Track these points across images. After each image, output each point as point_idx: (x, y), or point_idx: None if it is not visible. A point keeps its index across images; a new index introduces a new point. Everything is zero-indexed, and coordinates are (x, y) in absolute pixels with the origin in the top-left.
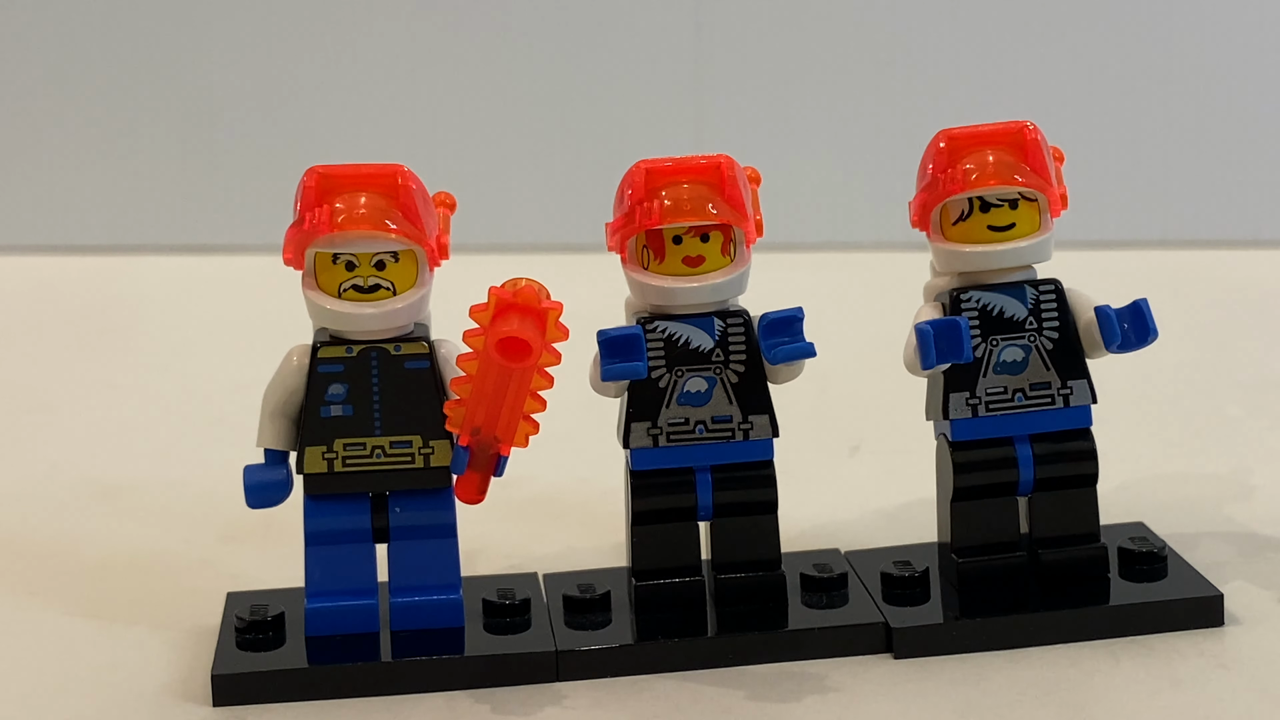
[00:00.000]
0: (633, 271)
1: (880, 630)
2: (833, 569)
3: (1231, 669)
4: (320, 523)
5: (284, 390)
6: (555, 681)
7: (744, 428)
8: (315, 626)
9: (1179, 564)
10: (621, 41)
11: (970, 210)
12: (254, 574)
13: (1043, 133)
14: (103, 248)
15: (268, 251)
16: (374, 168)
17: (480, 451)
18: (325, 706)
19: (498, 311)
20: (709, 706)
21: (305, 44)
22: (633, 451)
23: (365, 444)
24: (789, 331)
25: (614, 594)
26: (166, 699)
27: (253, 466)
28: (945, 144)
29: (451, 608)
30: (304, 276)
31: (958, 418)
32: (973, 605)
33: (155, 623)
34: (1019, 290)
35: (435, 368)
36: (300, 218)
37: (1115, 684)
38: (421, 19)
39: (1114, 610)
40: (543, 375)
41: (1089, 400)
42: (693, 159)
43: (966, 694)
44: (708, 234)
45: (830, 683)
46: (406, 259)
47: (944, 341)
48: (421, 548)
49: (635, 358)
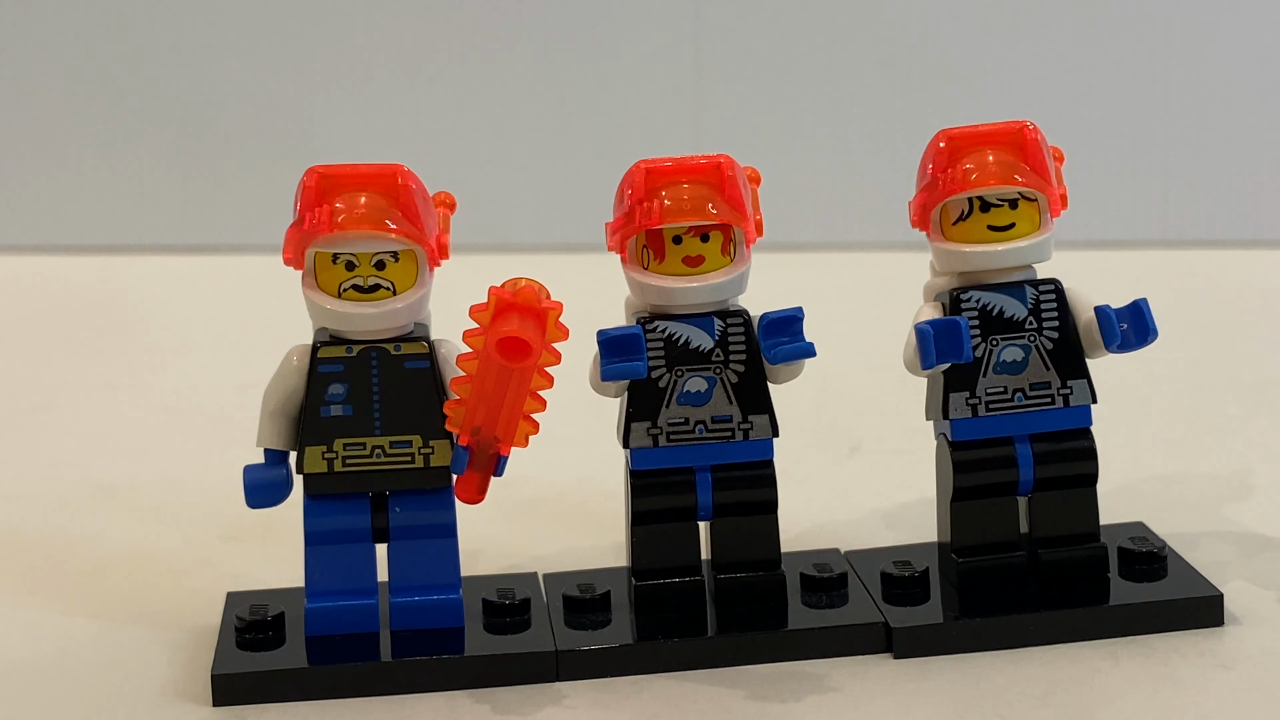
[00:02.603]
0: (633, 271)
1: (880, 630)
2: (833, 569)
3: (1231, 669)
4: (320, 523)
5: (284, 390)
6: (555, 681)
7: (744, 428)
8: (315, 626)
9: (1179, 564)
10: (621, 42)
11: (970, 210)
12: (254, 574)
13: (1043, 133)
14: (103, 248)
15: (268, 251)
16: (374, 168)
17: (480, 451)
18: (325, 706)
19: (498, 311)
20: (709, 706)
21: (305, 44)
22: (633, 451)
23: (365, 444)
24: (789, 331)
25: (614, 594)
26: (166, 699)
27: (253, 466)
28: (945, 144)
29: (451, 608)
30: (304, 276)
31: (958, 418)
32: (973, 605)
33: (155, 623)
34: (1019, 290)
35: (435, 367)
36: (300, 217)
37: (1115, 684)
38: (421, 19)
39: (1114, 610)
40: (543, 375)
41: (1089, 400)
42: (693, 159)
43: (966, 694)
44: (708, 234)
45: (830, 683)
46: (406, 259)
47: (944, 341)
48: (421, 548)
49: (635, 357)
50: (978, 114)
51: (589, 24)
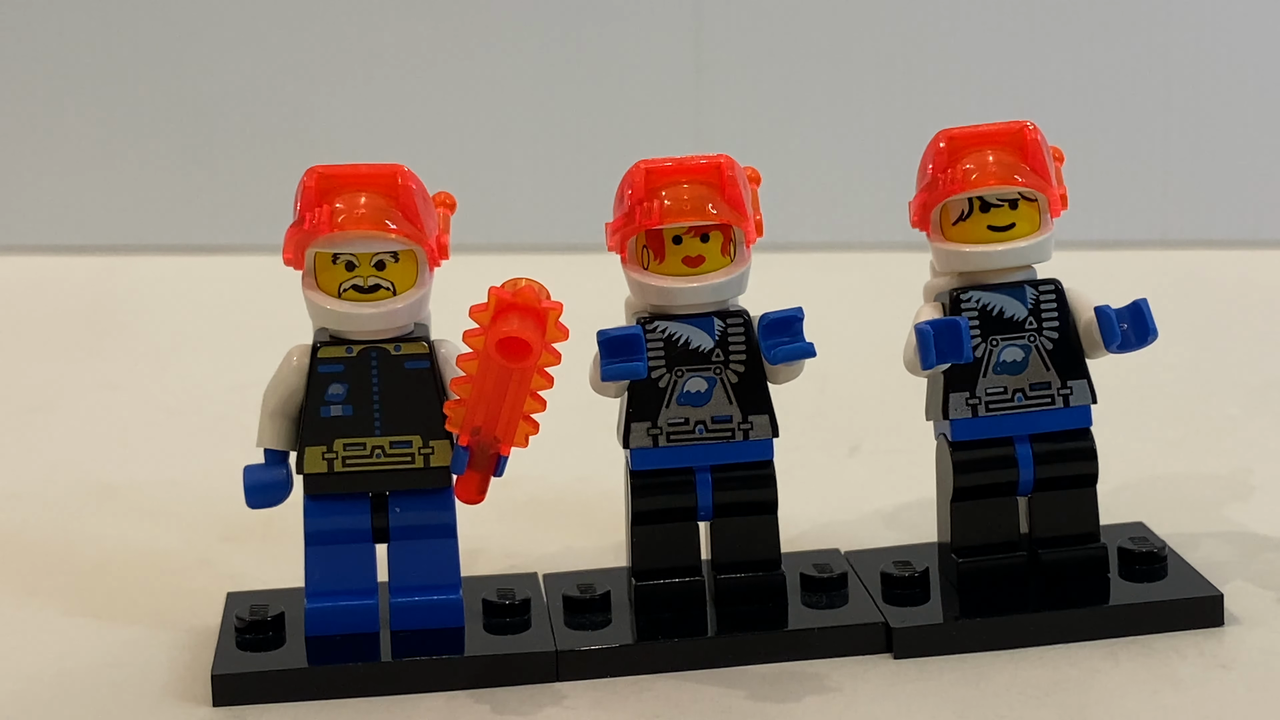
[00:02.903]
0: (633, 271)
1: (880, 630)
2: (833, 569)
3: (1231, 669)
4: (320, 523)
5: (284, 390)
6: (555, 681)
7: (744, 428)
8: (315, 626)
9: (1179, 564)
10: (622, 42)
11: (970, 210)
12: (254, 574)
13: (1043, 133)
14: (103, 248)
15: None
16: (374, 168)
17: (480, 451)
18: (325, 706)
19: (498, 311)
20: (709, 706)
21: (305, 44)
22: (633, 451)
23: (365, 444)
24: (789, 331)
25: (614, 594)
26: (166, 699)
27: (253, 466)
28: (945, 144)
29: (451, 608)
30: (304, 276)
31: (958, 418)
32: (973, 605)
33: (155, 623)
34: (1019, 290)
35: (435, 368)
36: (300, 218)
37: (1115, 684)
38: (421, 18)
39: (1114, 610)
40: (543, 375)
41: (1089, 400)
42: (693, 159)
43: (966, 694)
44: (708, 234)
45: (830, 683)
46: (406, 259)
47: (944, 341)
48: (421, 548)
49: (635, 358)
50: (978, 114)
51: (589, 24)
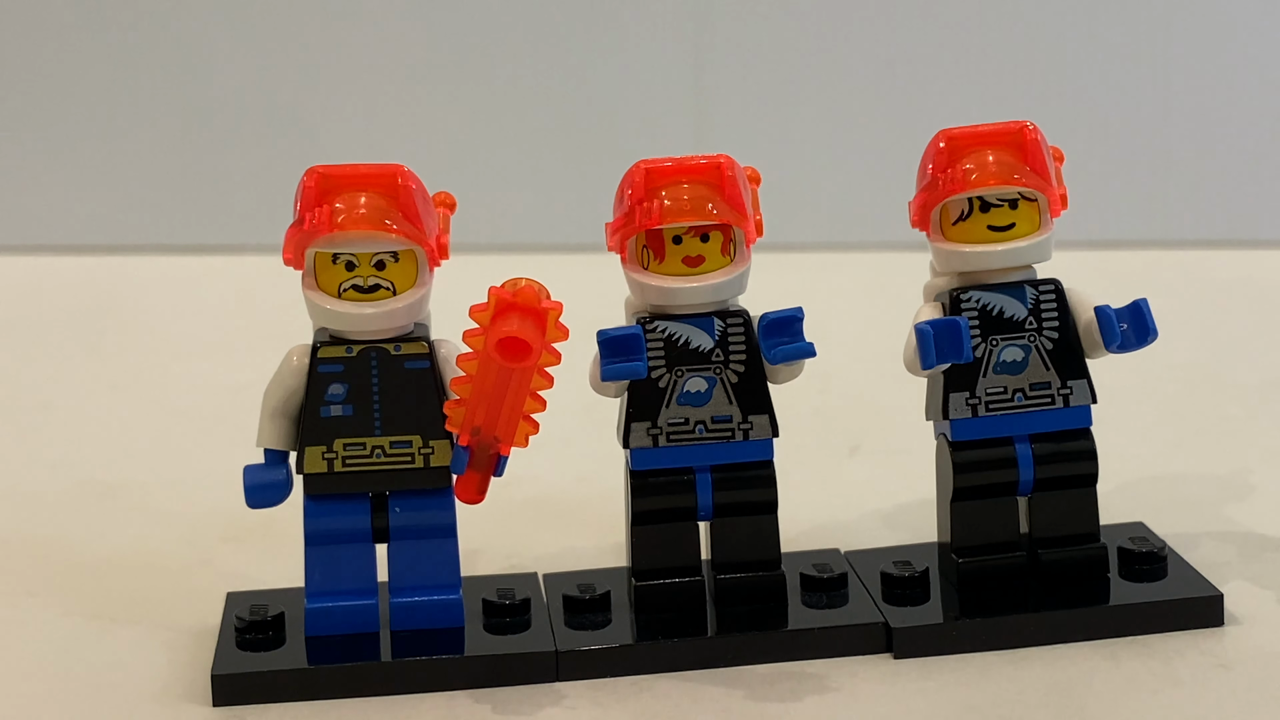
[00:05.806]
0: (633, 271)
1: (880, 630)
2: (833, 569)
3: (1231, 669)
4: (320, 523)
5: (284, 390)
6: (555, 681)
7: (744, 428)
8: (315, 626)
9: (1179, 564)
10: (621, 41)
11: (970, 210)
12: (254, 574)
13: (1043, 133)
14: (103, 248)
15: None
16: (374, 168)
17: (480, 451)
18: (325, 706)
19: (498, 311)
20: (709, 706)
21: (305, 44)
22: (633, 451)
23: (365, 444)
24: (789, 331)
25: (614, 594)
26: (166, 699)
27: (252, 466)
28: (945, 144)
29: (451, 608)
30: (304, 276)
31: (958, 418)
32: (973, 605)
33: (155, 623)
34: (1019, 290)
35: (435, 368)
36: (300, 218)
37: (1115, 684)
38: (421, 19)
39: (1114, 610)
40: (543, 375)
41: (1089, 400)
42: (693, 159)
43: (966, 694)
44: (708, 234)
45: (830, 683)
46: (406, 259)
47: (944, 341)
48: (421, 548)
49: (635, 357)
50: (978, 114)
51: (589, 24)
